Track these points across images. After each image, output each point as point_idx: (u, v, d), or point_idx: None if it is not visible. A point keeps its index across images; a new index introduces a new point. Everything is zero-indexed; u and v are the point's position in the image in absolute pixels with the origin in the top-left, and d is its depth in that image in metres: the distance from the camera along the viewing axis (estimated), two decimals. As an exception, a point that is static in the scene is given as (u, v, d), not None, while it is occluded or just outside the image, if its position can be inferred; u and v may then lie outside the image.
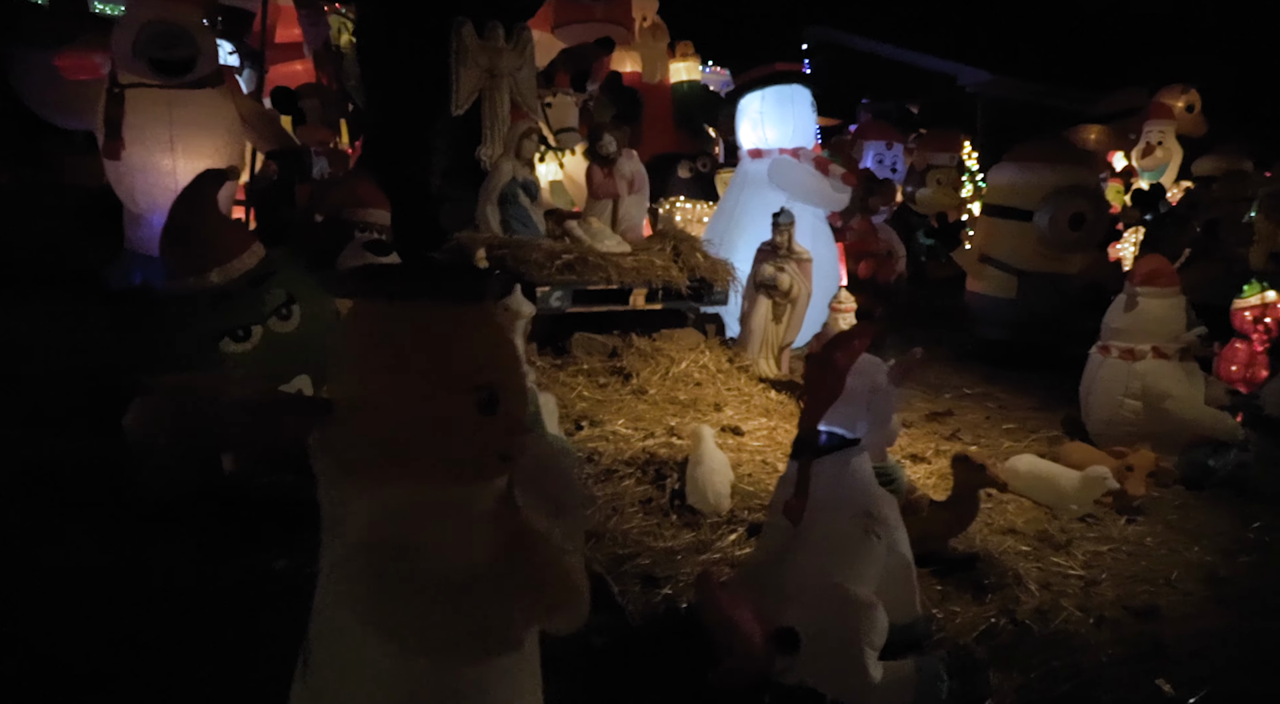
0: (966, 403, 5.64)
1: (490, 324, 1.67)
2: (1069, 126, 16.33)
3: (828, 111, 18.37)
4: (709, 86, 16.04)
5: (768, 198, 5.94)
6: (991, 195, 6.63)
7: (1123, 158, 15.47)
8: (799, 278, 5.33)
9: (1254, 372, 5.22)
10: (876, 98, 18.14)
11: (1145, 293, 4.61)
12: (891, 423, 2.75)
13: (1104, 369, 4.74)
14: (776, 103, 5.99)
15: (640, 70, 12.71)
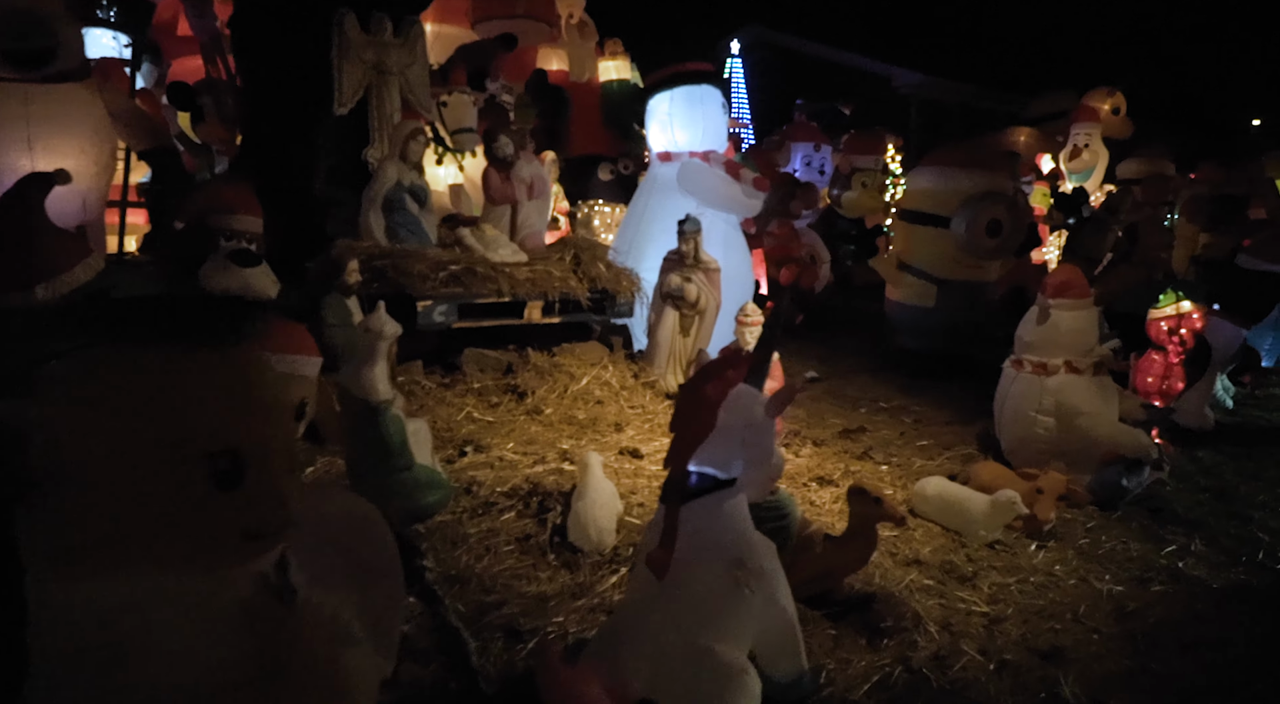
0: (882, 417, 5.48)
1: (237, 374, 1.37)
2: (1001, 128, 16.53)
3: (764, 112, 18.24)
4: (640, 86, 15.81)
5: (678, 203, 5.71)
6: (909, 201, 6.50)
7: (1050, 160, 15.66)
8: (707, 288, 5.10)
9: (1170, 384, 5.15)
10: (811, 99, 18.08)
11: (1057, 305, 4.48)
12: (773, 459, 2.52)
13: (1016, 385, 4.60)
14: (685, 104, 5.76)
15: (567, 69, 12.43)
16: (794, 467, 4.41)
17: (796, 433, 4.92)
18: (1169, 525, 4.10)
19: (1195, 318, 5.05)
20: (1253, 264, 5.66)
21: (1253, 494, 4.57)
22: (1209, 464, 5.04)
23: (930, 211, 6.28)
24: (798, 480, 4.22)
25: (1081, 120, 14.83)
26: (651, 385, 5.08)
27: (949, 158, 6.33)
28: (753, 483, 2.50)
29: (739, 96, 22.25)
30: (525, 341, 4.84)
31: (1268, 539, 4.00)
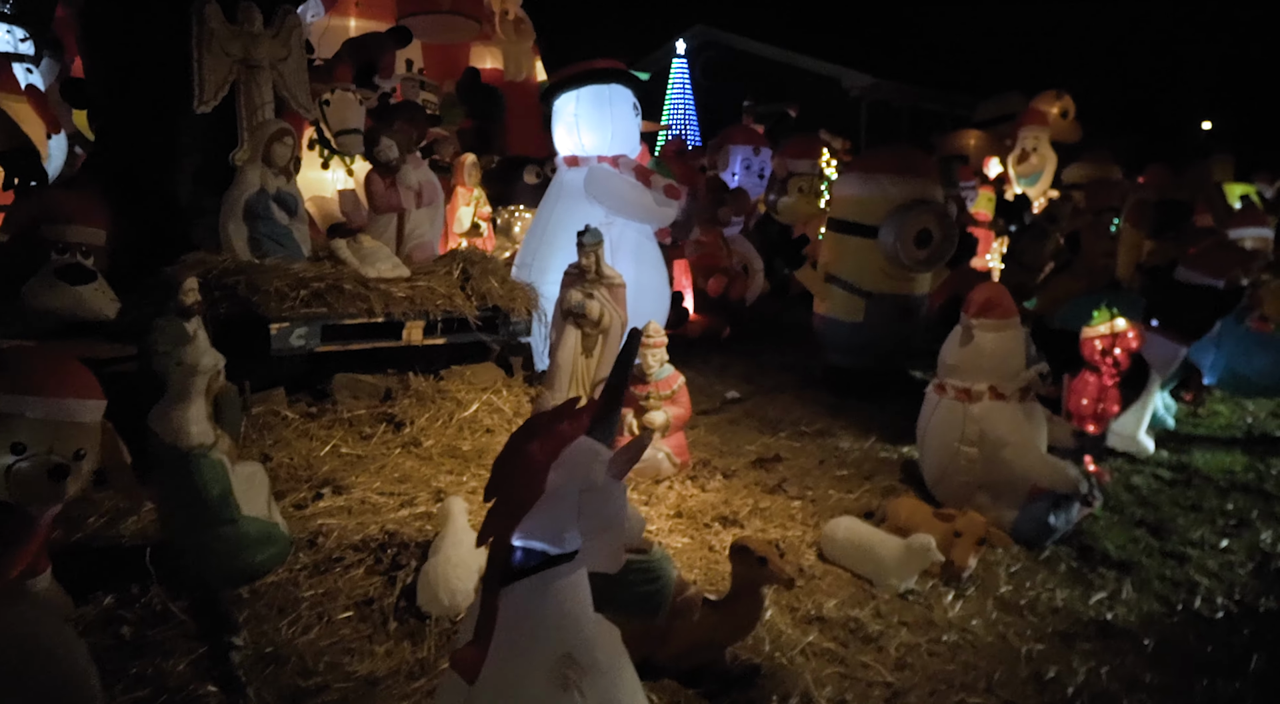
0: (802, 442, 5.14)
1: None
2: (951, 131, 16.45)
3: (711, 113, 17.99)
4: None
5: (585, 212, 5.34)
6: (836, 209, 6.19)
7: (998, 164, 15.59)
8: (611, 305, 4.73)
9: (1104, 407, 4.89)
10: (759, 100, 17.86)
11: (980, 325, 4.18)
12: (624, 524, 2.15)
13: (939, 411, 4.30)
14: (593, 105, 5.39)
15: (501, 67, 12.01)
16: (697, 503, 4.05)
17: (706, 463, 4.57)
18: (1099, 567, 3.81)
19: (1130, 337, 4.79)
20: (1191, 277, 5.43)
21: (1190, 528, 4.31)
22: (1146, 493, 4.79)
23: (857, 221, 5.97)
24: (699, 520, 3.86)
25: (1029, 123, 14.79)
26: (548, 411, 4.68)
27: (876, 164, 6.03)
28: (599, 553, 2.13)
29: (684, 98, 22.01)
30: (408, 364, 4.43)
31: (1204, 583, 3.73)
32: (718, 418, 5.43)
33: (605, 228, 5.25)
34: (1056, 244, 8.77)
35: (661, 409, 4.32)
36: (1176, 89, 29.97)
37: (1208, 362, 6.13)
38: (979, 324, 4.19)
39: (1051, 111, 15.68)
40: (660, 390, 4.33)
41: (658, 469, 4.27)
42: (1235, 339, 6.03)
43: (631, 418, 4.34)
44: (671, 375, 4.39)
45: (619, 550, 2.22)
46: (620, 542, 2.17)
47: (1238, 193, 13.50)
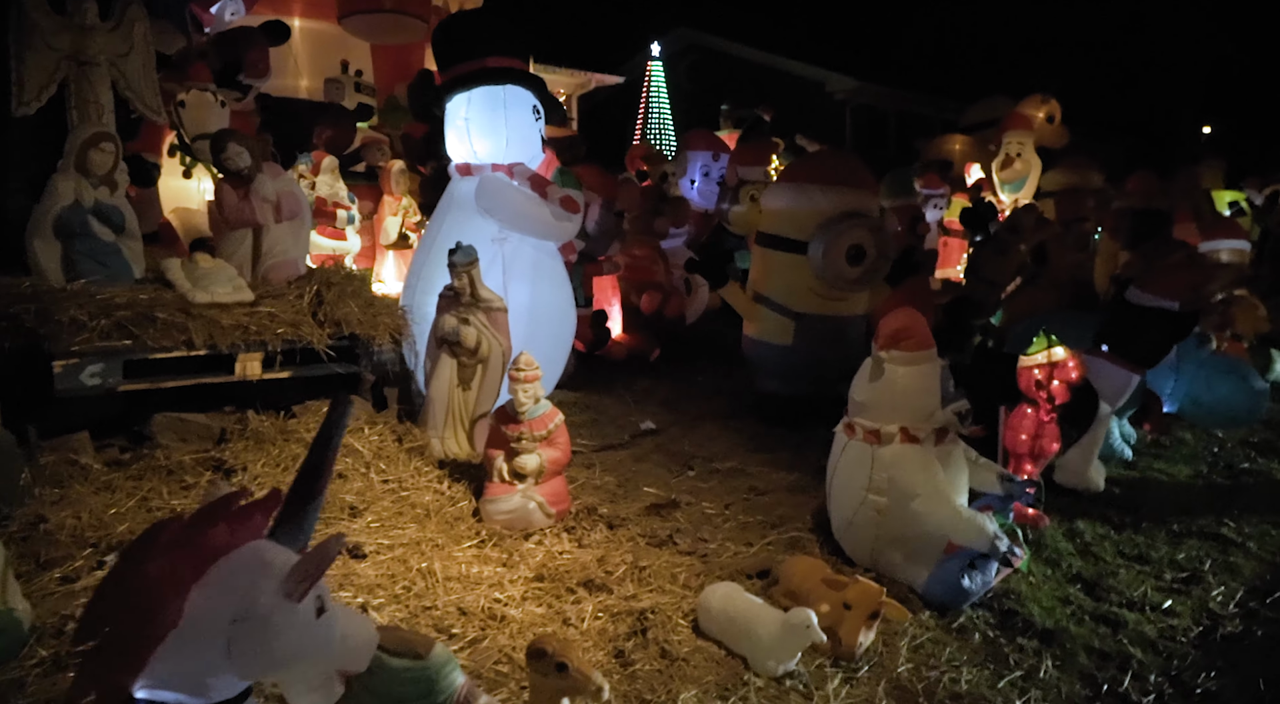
0: (712, 482, 4.68)
1: None
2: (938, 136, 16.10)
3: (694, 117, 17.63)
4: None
5: (477, 226, 4.88)
6: (764, 223, 5.74)
7: (980, 170, 15.22)
8: (489, 332, 4.27)
9: (1042, 444, 4.43)
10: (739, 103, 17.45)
11: (891, 358, 3.72)
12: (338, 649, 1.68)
13: (847, 454, 3.84)
14: (486, 107, 4.92)
15: None
16: (567, 562, 3.58)
17: (591, 511, 4.11)
18: (1019, 637, 3.36)
19: (1070, 367, 4.34)
20: (1143, 299, 4.98)
21: (1132, 584, 3.85)
22: (1088, 539, 4.34)
23: (785, 235, 5.52)
24: (563, 584, 3.39)
25: (1013, 128, 14.42)
26: (420, 451, 4.23)
27: (805, 173, 5.58)
28: (306, 688, 1.66)
29: (660, 102, 21.62)
30: (250, 401, 3.96)
31: (1138, 656, 3.27)
32: (624, 454, 4.97)
33: (498, 244, 4.81)
34: (1021, 256, 8.33)
35: (535, 452, 3.85)
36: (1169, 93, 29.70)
37: (1167, 389, 5.71)
38: (890, 356, 3.74)
39: (1037, 116, 15.34)
40: (534, 430, 3.87)
41: (528, 522, 3.81)
42: (1195, 365, 5.61)
43: (501, 462, 3.88)
44: (547, 413, 3.92)
45: (334, 680, 1.75)
46: (326, 678, 1.70)
47: (1227, 200, 13.12)
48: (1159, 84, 30.21)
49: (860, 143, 24.26)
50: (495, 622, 3.07)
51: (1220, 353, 5.94)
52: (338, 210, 7.55)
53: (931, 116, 24.73)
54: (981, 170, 15.11)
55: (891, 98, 24.88)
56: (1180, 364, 5.60)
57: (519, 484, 3.84)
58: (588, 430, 5.22)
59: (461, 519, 3.82)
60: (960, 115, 17.40)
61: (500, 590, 3.28)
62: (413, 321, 4.64)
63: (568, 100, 20.39)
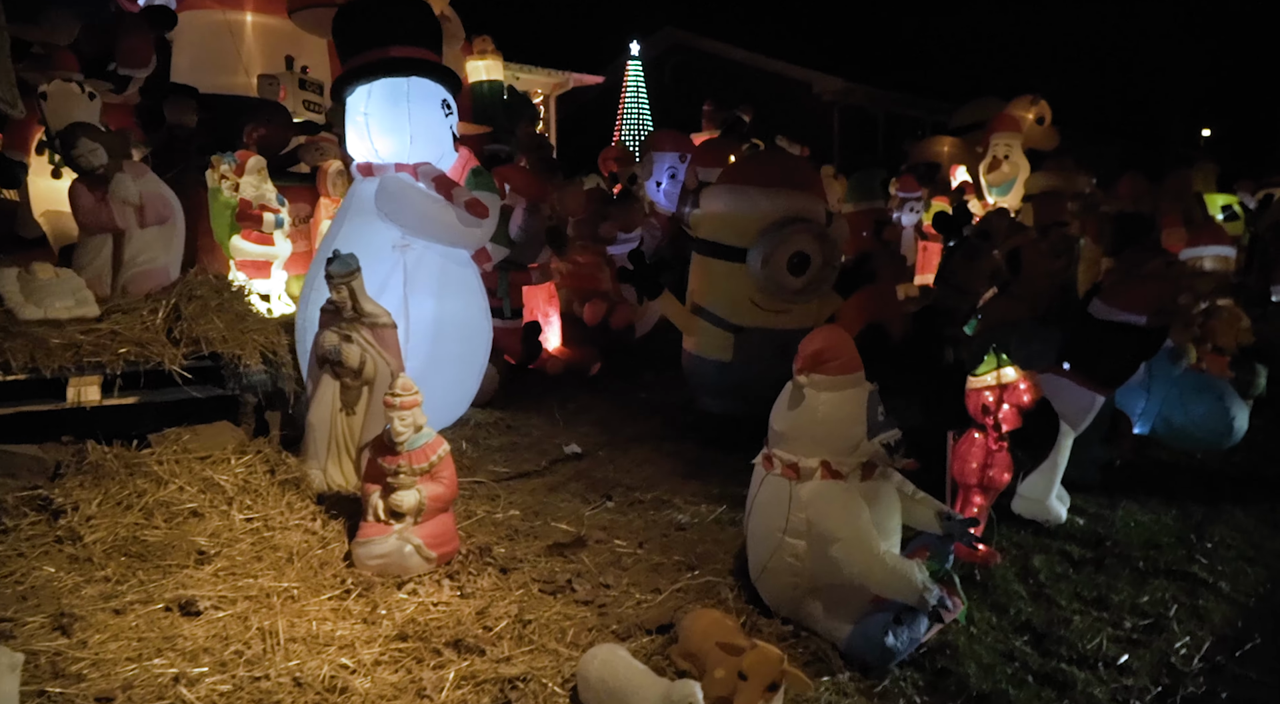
0: (630, 515, 4.29)
1: None
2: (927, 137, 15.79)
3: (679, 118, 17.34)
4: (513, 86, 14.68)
5: (378, 231, 4.50)
6: (703, 228, 5.35)
7: (965, 172, 14.93)
8: (375, 351, 3.87)
9: (992, 474, 4.04)
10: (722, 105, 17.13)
11: (812, 382, 3.33)
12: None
13: (764, 490, 3.45)
14: (388, 102, 4.53)
15: None
16: (440, 615, 3.18)
17: (484, 551, 3.71)
18: (951, 702, 2.96)
19: (1021, 389, 3.95)
20: (1108, 313, 4.59)
21: (1087, 634, 3.47)
22: (1043, 579, 3.95)
23: (724, 242, 5.14)
24: (429, 644, 2.99)
25: (1001, 129, 14.10)
26: (295, 484, 3.83)
27: (746, 174, 5.19)
28: None
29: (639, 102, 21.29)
30: (91, 429, 3.55)
31: (1084, 728, 2.88)
32: (538, 482, 4.57)
33: (399, 251, 4.42)
34: (994, 263, 7.95)
35: (414, 487, 3.45)
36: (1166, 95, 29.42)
37: (1137, 409, 5.33)
38: (810, 381, 3.35)
39: (1026, 117, 15.06)
40: (414, 463, 3.47)
41: (404, 567, 3.41)
42: (1167, 383, 5.23)
43: (376, 499, 3.48)
44: (431, 443, 3.53)
45: None
46: None
47: (1220, 203, 12.78)
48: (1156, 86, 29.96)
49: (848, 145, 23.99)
50: (334, 695, 2.67)
51: (1196, 370, 5.55)
52: (264, 214, 7.14)
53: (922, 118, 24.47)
54: (967, 173, 14.83)
55: (880, 99, 24.63)
56: (1152, 382, 5.23)
57: (395, 524, 3.44)
58: (503, 456, 4.82)
59: (330, 564, 3.42)
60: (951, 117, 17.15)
61: (351, 654, 2.88)
62: (304, 339, 4.25)
63: (545, 101, 20.04)
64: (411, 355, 4.43)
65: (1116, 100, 29.25)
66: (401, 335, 4.39)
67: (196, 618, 2.96)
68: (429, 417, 4.49)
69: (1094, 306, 4.66)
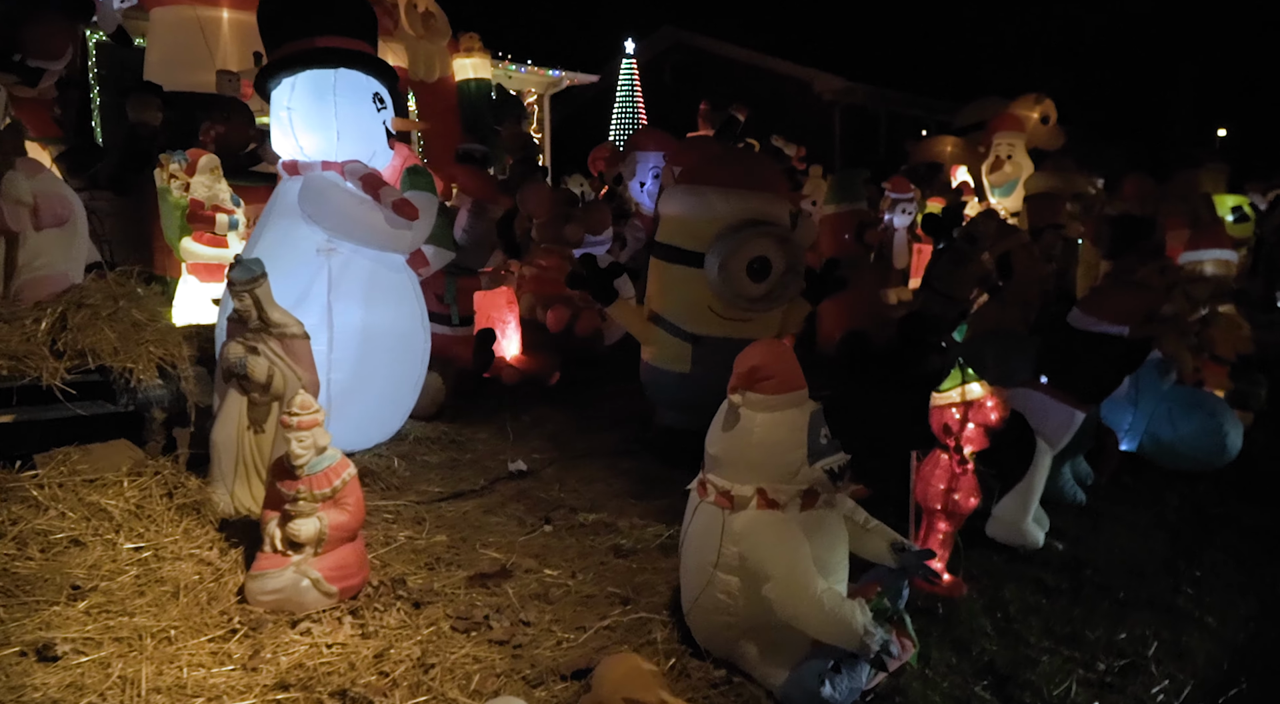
0: (569, 540, 4.00)
1: None
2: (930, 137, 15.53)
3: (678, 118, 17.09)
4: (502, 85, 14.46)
5: (303, 234, 4.24)
6: (661, 231, 5.06)
7: (965, 173, 14.66)
8: (284, 363, 3.60)
9: (958, 498, 3.74)
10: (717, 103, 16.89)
11: (748, 402, 3.05)
12: None
13: (697, 518, 3.16)
14: (312, 95, 4.27)
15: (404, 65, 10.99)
16: (332, 658, 2.89)
17: (398, 582, 3.43)
18: (893, 762, 2.68)
19: (988, 406, 3.65)
20: (1088, 324, 4.29)
21: (1053, 678, 3.18)
22: (1013, 612, 3.67)
23: (681, 246, 4.85)
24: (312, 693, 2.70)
25: (1003, 129, 13.85)
26: (195, 508, 3.55)
27: (703, 173, 4.91)
28: None
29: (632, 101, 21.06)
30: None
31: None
32: (473, 503, 4.28)
33: (324, 255, 4.14)
34: (982, 268, 7.67)
35: (315, 515, 3.17)
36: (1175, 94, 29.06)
37: (1124, 424, 5.03)
38: (746, 400, 3.06)
39: (1030, 116, 14.80)
40: (314, 488, 3.19)
41: (299, 603, 3.13)
42: (1156, 398, 4.92)
43: (274, 527, 3.20)
44: (334, 466, 3.25)
45: None
46: None
47: (1230, 204, 12.46)
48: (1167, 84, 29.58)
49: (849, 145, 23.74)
50: (187, 756, 2.39)
51: (1187, 384, 5.24)
52: (218, 215, 6.88)
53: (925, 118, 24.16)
54: (968, 173, 14.56)
55: (882, 98, 24.36)
56: (1139, 397, 4.93)
57: (293, 555, 3.16)
58: (440, 474, 4.53)
59: (219, 600, 3.14)
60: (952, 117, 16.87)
61: (218, 705, 2.60)
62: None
63: (539, 100, 19.78)
64: (337, 367, 4.17)
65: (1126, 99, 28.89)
66: (324, 346, 4.13)
67: (53, 664, 2.68)
68: (358, 433, 4.24)
69: (1073, 316, 4.36)
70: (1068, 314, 4.40)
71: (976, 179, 14.09)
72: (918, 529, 3.88)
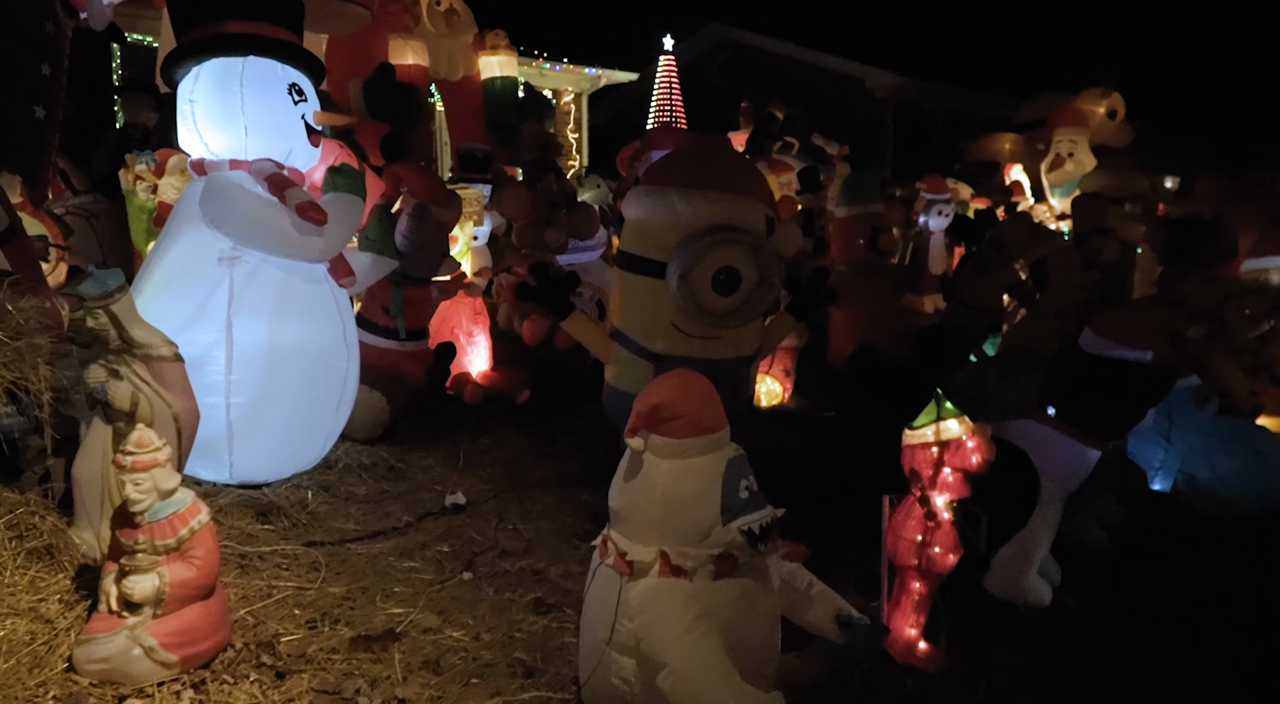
0: (487, 592, 3.54)
1: None
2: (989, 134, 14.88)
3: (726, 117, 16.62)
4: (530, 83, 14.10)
5: (207, 240, 3.84)
6: (623, 238, 4.58)
7: (1020, 172, 13.95)
8: (151, 389, 3.20)
9: (933, 554, 3.19)
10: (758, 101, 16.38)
11: (653, 448, 2.57)
12: None
13: (596, 582, 2.69)
14: (217, 86, 3.88)
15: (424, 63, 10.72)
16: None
17: (264, 647, 2.99)
18: None
19: (969, 447, 3.10)
20: (1103, 348, 3.69)
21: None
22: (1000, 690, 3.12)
23: (642, 254, 4.36)
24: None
25: (1065, 124, 13.12)
26: (49, 552, 3.17)
27: (666, 173, 4.40)
28: None
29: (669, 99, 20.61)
30: None
31: None
32: (390, 544, 3.84)
33: (227, 264, 3.75)
34: (1011, 276, 7.03)
35: (155, 570, 2.76)
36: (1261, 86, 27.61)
37: (1155, 462, 4.41)
38: (652, 445, 2.58)
39: (1096, 111, 14.03)
40: (157, 538, 2.77)
41: (128, 675, 2.71)
42: (1192, 432, 4.30)
43: (110, 583, 2.80)
44: (183, 512, 2.83)
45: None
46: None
47: (1319, 206, 11.59)
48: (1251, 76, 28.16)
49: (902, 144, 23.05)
50: None
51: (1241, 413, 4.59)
52: (186, 218, 6.59)
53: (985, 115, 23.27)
54: (1024, 172, 13.86)
55: (938, 95, 23.57)
56: (1173, 431, 4.31)
57: (129, 617, 2.76)
58: (362, 509, 4.10)
59: (46, 667, 2.75)
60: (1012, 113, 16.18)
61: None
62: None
63: (575, 99, 19.43)
64: (238, 390, 3.77)
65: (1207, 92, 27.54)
66: (222, 366, 3.73)
67: None
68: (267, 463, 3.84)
69: (1084, 338, 3.77)
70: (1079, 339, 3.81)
71: (1035, 179, 13.39)
72: (890, 589, 3.35)
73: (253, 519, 3.77)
